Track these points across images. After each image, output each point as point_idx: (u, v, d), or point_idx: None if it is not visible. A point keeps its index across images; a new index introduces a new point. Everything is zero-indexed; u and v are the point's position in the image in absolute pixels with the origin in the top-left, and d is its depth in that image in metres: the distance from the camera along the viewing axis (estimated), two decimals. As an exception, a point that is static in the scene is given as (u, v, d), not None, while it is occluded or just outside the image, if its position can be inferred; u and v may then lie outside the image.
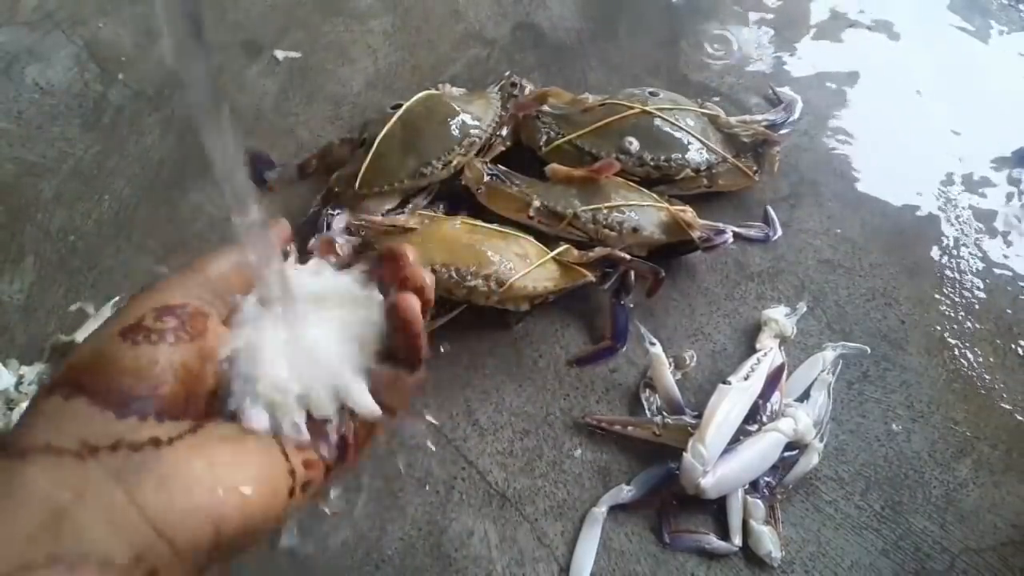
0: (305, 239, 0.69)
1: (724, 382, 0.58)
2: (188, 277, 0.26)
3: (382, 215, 0.67)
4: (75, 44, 0.86)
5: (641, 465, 0.59)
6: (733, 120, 0.74)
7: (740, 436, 0.57)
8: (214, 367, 0.24)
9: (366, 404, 0.26)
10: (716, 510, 0.57)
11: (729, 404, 0.56)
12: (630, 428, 0.59)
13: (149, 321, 0.23)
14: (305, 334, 0.26)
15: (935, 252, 0.72)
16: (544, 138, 0.72)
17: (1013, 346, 0.66)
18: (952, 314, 0.68)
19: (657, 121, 0.70)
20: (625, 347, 0.65)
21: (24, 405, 0.56)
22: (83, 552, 0.19)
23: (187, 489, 0.21)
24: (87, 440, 0.20)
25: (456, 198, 0.69)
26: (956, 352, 0.66)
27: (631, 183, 0.69)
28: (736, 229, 0.69)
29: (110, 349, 0.22)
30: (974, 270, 0.71)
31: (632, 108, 0.71)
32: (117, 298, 0.66)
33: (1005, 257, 0.72)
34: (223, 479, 0.22)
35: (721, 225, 0.68)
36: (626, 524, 0.57)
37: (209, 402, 0.24)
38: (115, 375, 0.22)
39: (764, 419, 0.58)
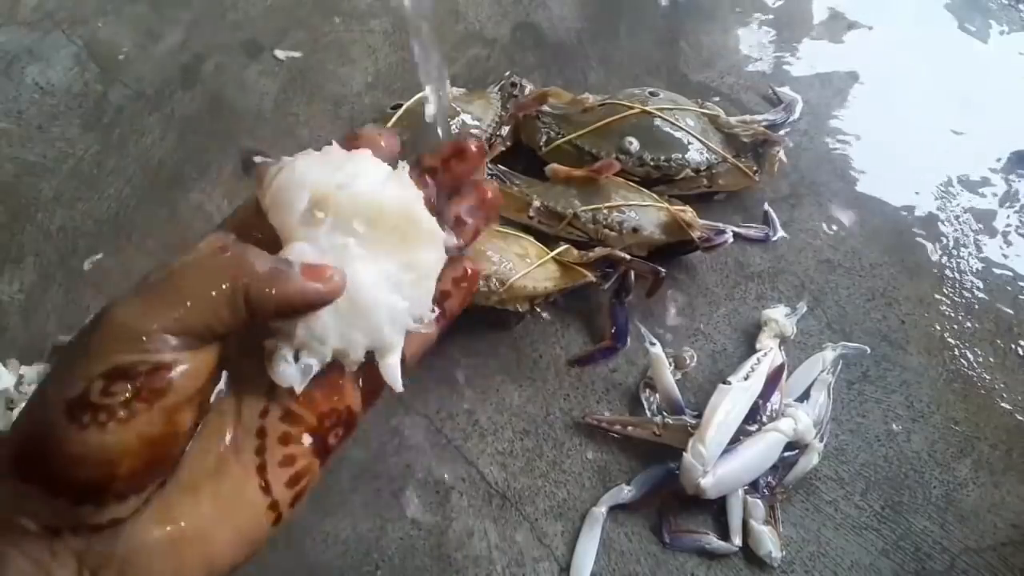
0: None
1: (724, 382, 0.58)
2: (147, 308, 0.21)
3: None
4: (75, 44, 0.86)
5: (641, 465, 0.59)
6: (733, 120, 0.74)
7: (740, 436, 0.57)
8: (187, 419, 0.21)
9: (395, 378, 0.25)
10: (716, 510, 0.57)
11: (729, 404, 0.56)
12: (630, 428, 0.59)
13: (95, 395, 0.19)
14: (355, 273, 0.23)
15: (935, 252, 0.72)
16: (544, 138, 0.72)
17: (1013, 346, 0.66)
18: (952, 314, 0.68)
19: (657, 121, 0.70)
20: (625, 347, 0.65)
21: (24, 405, 0.56)
22: None
23: (149, 570, 0.20)
24: (48, 523, 0.20)
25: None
26: (956, 352, 0.66)
27: (631, 183, 0.69)
28: (736, 229, 0.69)
29: (54, 434, 0.19)
30: (974, 270, 0.71)
31: (632, 108, 0.70)
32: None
33: (1005, 257, 0.72)
34: (188, 548, 0.21)
35: (721, 225, 0.68)
36: (626, 524, 0.57)
37: (187, 442, 0.22)
38: (63, 467, 0.19)
39: (764, 419, 0.58)
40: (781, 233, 0.72)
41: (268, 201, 0.24)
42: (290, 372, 0.23)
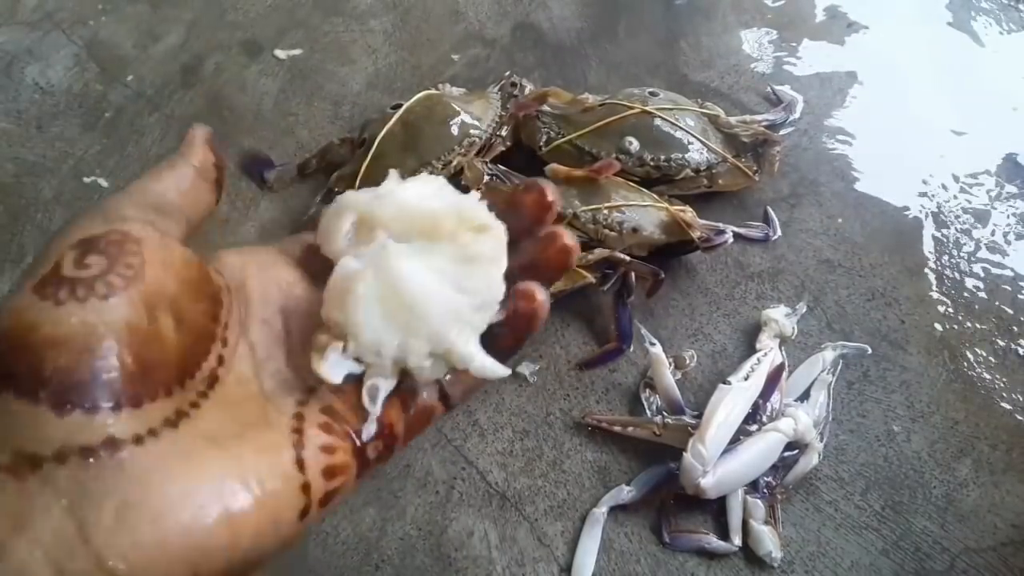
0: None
1: (724, 382, 0.58)
2: (110, 200, 0.20)
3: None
4: (75, 44, 0.86)
5: (641, 465, 0.59)
6: (733, 120, 0.74)
7: (740, 436, 0.57)
8: (171, 317, 0.18)
9: (494, 367, 0.22)
10: (716, 510, 0.57)
11: (729, 404, 0.56)
12: (630, 428, 0.59)
13: (69, 268, 0.17)
14: (401, 273, 0.21)
15: (935, 252, 0.72)
16: (544, 138, 0.72)
17: (1013, 346, 0.66)
18: (952, 314, 0.68)
19: (657, 121, 0.70)
20: (629, 348, 0.65)
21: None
22: None
23: (156, 519, 0.16)
24: (22, 449, 0.16)
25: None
26: (956, 352, 0.66)
27: (631, 183, 0.69)
28: (736, 229, 0.69)
29: (26, 314, 0.17)
30: (974, 270, 0.71)
31: (632, 108, 0.70)
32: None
33: (1005, 257, 0.72)
34: (206, 504, 0.16)
35: (721, 225, 0.68)
36: (626, 524, 0.57)
37: (186, 369, 0.19)
38: (38, 351, 0.16)
39: (764, 419, 0.58)
40: (781, 233, 0.72)
41: (319, 236, 0.24)
42: (337, 368, 0.21)
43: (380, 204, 0.23)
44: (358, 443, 0.21)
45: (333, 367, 0.21)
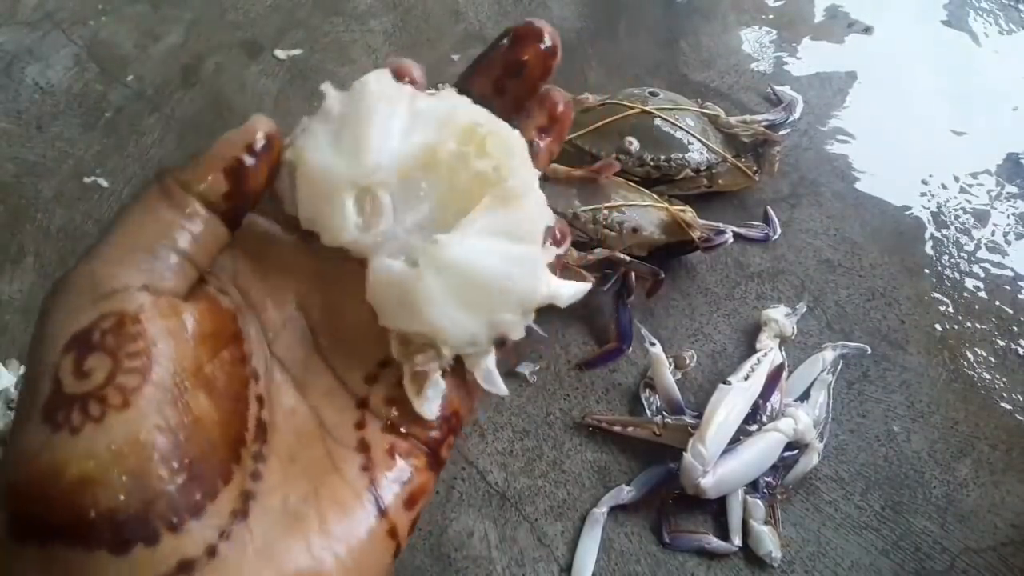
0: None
1: (724, 382, 0.58)
2: (101, 252, 0.16)
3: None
4: (75, 44, 0.86)
5: (641, 465, 0.59)
6: (733, 120, 0.74)
7: (740, 436, 0.57)
8: (205, 393, 0.16)
9: (497, 381, 0.20)
10: (716, 510, 0.57)
11: (729, 404, 0.56)
12: (630, 428, 0.59)
13: (69, 382, 0.15)
14: (474, 256, 0.19)
15: (935, 252, 0.72)
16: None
17: (1013, 346, 0.66)
18: (952, 314, 0.68)
19: (657, 121, 0.70)
20: (629, 349, 0.65)
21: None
22: None
23: None
24: None
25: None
26: (956, 352, 0.66)
27: (631, 183, 0.69)
28: (736, 229, 0.69)
29: (46, 454, 0.14)
30: (974, 270, 0.71)
31: (632, 108, 0.70)
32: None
33: (1005, 256, 0.72)
34: None
35: (721, 225, 0.68)
36: (626, 524, 0.57)
37: (236, 438, 0.17)
38: (75, 495, 0.14)
39: (764, 419, 0.58)
40: (780, 233, 0.72)
41: (307, 221, 0.20)
42: (438, 401, 0.19)
43: (368, 168, 0.19)
44: (429, 451, 0.20)
45: (434, 400, 0.19)
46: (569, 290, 0.21)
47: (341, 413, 0.19)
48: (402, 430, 0.19)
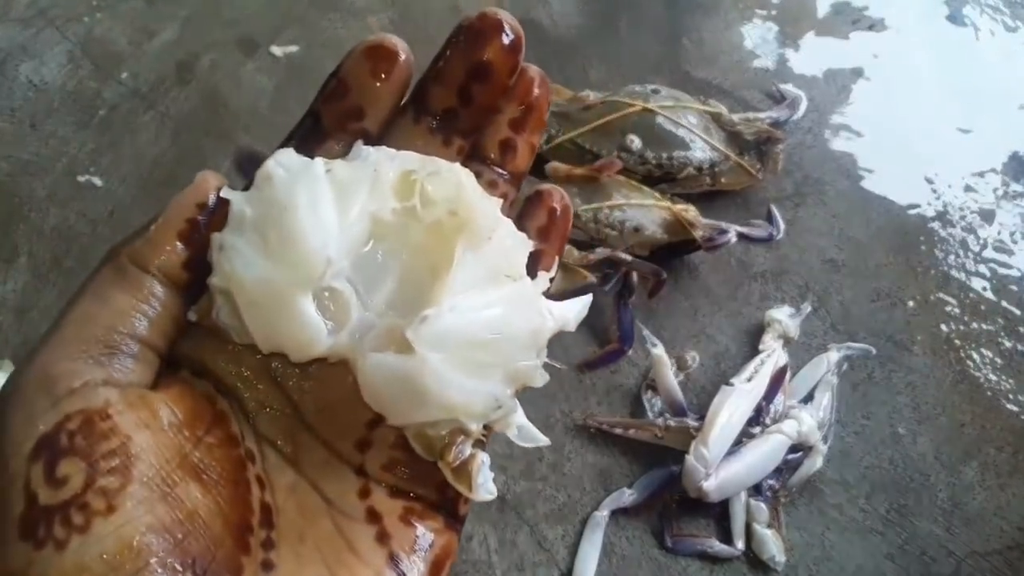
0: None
1: (727, 383, 0.57)
2: (53, 348, 0.15)
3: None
4: (69, 41, 0.85)
5: (643, 468, 0.58)
6: (736, 118, 0.73)
7: (743, 438, 0.56)
8: (190, 476, 0.15)
9: (535, 434, 0.19)
10: (719, 513, 0.56)
11: (732, 406, 0.55)
12: (632, 430, 0.59)
13: (44, 492, 0.13)
14: (468, 323, 0.18)
15: (941, 252, 0.71)
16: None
17: (1020, 347, 0.65)
18: (958, 315, 0.67)
19: (659, 119, 0.70)
20: (630, 349, 0.64)
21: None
22: None
23: None
24: None
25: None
26: (962, 353, 0.65)
27: (633, 182, 0.68)
28: (739, 228, 0.68)
29: (31, 571, 0.13)
30: (980, 270, 0.70)
31: (634, 106, 0.70)
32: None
33: (1011, 256, 0.71)
34: None
35: (724, 224, 0.67)
36: (627, 528, 0.56)
37: (241, 526, 0.15)
38: None
39: (767, 421, 0.57)
40: (784, 232, 0.72)
41: (259, 340, 0.17)
42: (491, 477, 0.18)
43: (314, 263, 0.17)
44: (445, 511, 0.18)
45: (487, 481, 0.18)
46: (575, 311, 0.20)
47: (342, 483, 0.18)
48: (411, 493, 0.18)
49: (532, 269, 0.20)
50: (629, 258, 0.63)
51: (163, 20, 0.87)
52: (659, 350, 0.60)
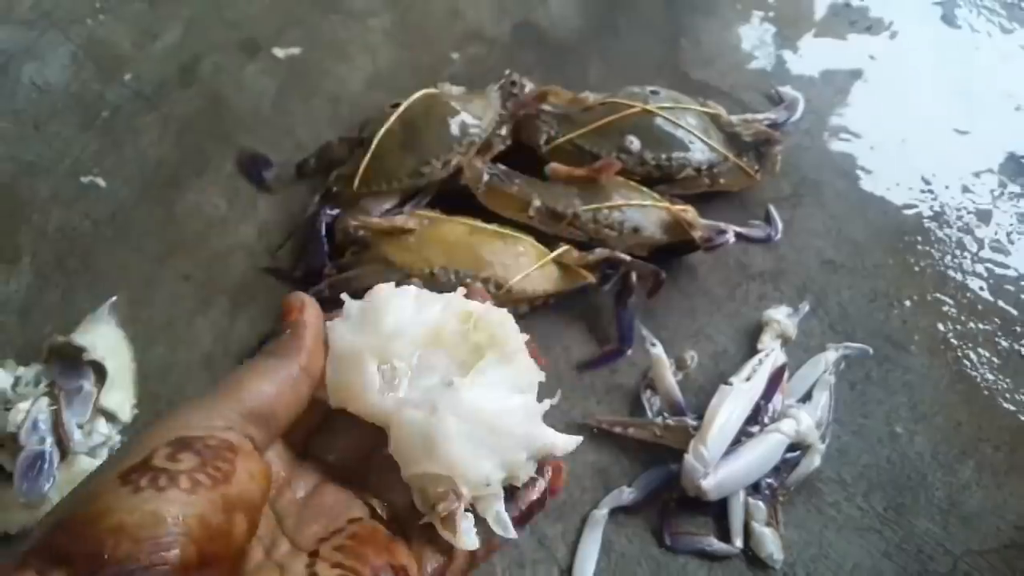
0: (302, 239, 0.69)
1: (726, 383, 0.58)
2: (215, 400, 0.21)
3: (380, 215, 0.67)
4: (72, 43, 0.85)
5: (642, 467, 0.59)
6: (735, 119, 0.74)
7: (742, 437, 0.56)
8: (247, 519, 0.19)
9: (507, 523, 0.23)
10: (717, 512, 0.57)
11: (731, 405, 0.56)
12: (631, 429, 0.59)
13: (160, 459, 0.18)
14: (484, 399, 0.23)
15: (938, 252, 0.72)
16: (544, 137, 0.71)
17: (1016, 347, 0.66)
18: (955, 314, 0.68)
19: (658, 120, 0.70)
20: (630, 349, 0.64)
21: (21, 405, 0.56)
22: None
23: None
24: None
25: (456, 198, 0.69)
26: (959, 353, 0.65)
27: (632, 182, 0.68)
28: (738, 229, 0.69)
29: (103, 498, 0.17)
30: (977, 270, 0.71)
31: (633, 107, 0.70)
32: (114, 298, 0.66)
33: (1008, 256, 0.72)
34: None
35: (723, 225, 0.67)
36: (627, 526, 0.57)
37: (242, 556, 0.20)
38: (104, 536, 0.16)
39: (766, 420, 0.57)
40: (782, 233, 0.72)
41: (335, 395, 0.24)
42: (473, 530, 0.22)
43: (385, 337, 0.24)
44: None
45: (470, 531, 0.22)
46: (567, 443, 0.25)
47: (294, 559, 0.22)
48: (345, 563, 0.21)
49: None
50: (628, 258, 0.63)
51: (166, 22, 0.88)
52: (658, 350, 0.60)
